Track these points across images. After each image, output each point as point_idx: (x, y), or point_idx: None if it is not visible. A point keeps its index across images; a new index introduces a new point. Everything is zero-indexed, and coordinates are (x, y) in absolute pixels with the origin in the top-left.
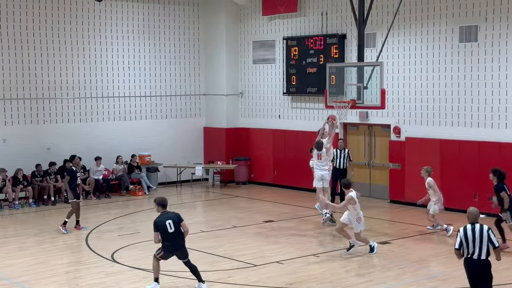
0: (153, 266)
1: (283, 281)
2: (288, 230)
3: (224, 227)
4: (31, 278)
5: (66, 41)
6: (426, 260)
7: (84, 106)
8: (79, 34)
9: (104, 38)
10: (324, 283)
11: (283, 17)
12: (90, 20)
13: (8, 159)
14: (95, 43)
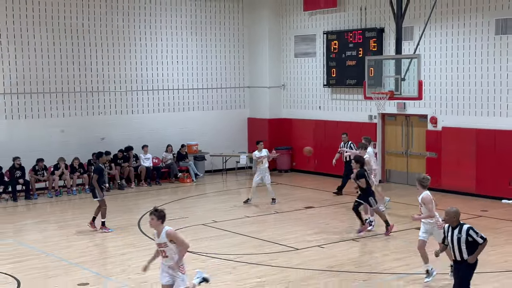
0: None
1: (323, 264)
2: (328, 216)
3: (267, 213)
4: (88, 259)
5: (119, 37)
6: None
7: (136, 99)
8: (131, 31)
9: (154, 34)
10: (362, 266)
11: (323, 12)
12: (141, 17)
13: (66, 148)
14: (146, 39)
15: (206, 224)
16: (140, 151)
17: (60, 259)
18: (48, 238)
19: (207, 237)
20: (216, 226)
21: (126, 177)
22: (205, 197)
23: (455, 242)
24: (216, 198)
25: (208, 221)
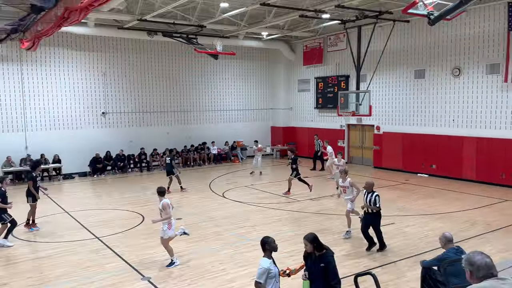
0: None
1: (314, 209)
2: (317, 182)
3: (281, 180)
4: (184, 204)
5: (203, 82)
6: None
7: (209, 115)
8: (209, 78)
9: (219, 80)
10: (336, 210)
11: (315, 66)
12: (213, 69)
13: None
14: (214, 82)
15: (247, 186)
16: (210, 144)
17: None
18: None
19: (248, 193)
20: (253, 187)
21: (202, 159)
22: (246, 171)
23: (367, 201)
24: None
25: (248, 184)
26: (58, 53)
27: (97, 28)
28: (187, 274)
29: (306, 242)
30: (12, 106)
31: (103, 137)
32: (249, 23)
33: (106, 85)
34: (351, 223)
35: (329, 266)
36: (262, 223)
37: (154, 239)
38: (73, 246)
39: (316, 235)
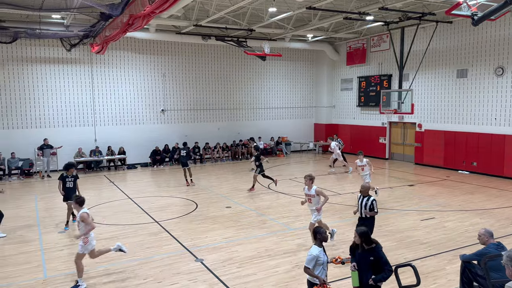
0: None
1: (355, 203)
2: (358, 176)
3: (323, 174)
4: (233, 194)
5: (248, 82)
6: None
7: (256, 112)
8: (258, 79)
9: (265, 80)
10: (378, 204)
11: (358, 66)
12: (260, 71)
13: (221, 137)
14: (261, 83)
15: (291, 178)
16: (257, 140)
17: (217, 194)
18: (214, 182)
19: (292, 185)
20: (295, 180)
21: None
22: (290, 165)
23: (362, 205)
24: (296, 165)
25: (291, 177)
26: (123, 56)
27: (158, 33)
28: (236, 258)
29: (355, 234)
30: (84, 103)
31: (162, 131)
32: (295, 26)
33: (165, 85)
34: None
35: (380, 261)
36: (305, 214)
37: (207, 224)
38: (135, 229)
39: (367, 231)
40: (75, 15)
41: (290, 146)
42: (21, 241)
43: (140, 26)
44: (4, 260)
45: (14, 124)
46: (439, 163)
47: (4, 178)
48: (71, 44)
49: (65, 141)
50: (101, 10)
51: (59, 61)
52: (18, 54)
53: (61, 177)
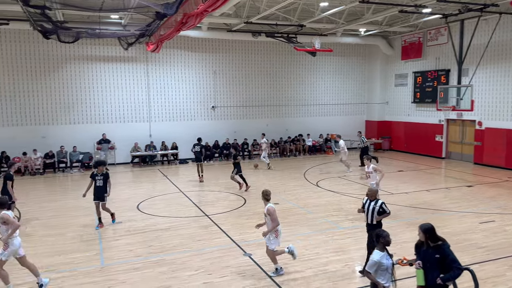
0: None
1: (409, 203)
2: (412, 176)
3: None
4: (281, 191)
5: (299, 79)
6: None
7: (306, 109)
8: (310, 75)
9: (316, 77)
10: (432, 205)
11: (413, 61)
12: (312, 67)
13: (269, 134)
14: (312, 79)
15: (340, 176)
16: (306, 136)
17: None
18: (262, 178)
19: (341, 184)
20: (344, 178)
21: (298, 150)
22: (339, 162)
23: (370, 210)
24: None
25: (341, 175)
26: (176, 54)
27: (209, 31)
28: (283, 254)
29: (419, 230)
30: (139, 100)
31: (212, 128)
32: (347, 21)
33: (216, 82)
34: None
35: (447, 259)
36: (355, 213)
37: (255, 220)
38: (187, 221)
39: (432, 226)
40: (132, 15)
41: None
42: (81, 231)
43: (193, 24)
44: (66, 248)
45: (75, 119)
46: (500, 163)
47: (66, 170)
48: (128, 43)
49: (122, 136)
50: (156, 9)
51: (117, 59)
52: (79, 53)
53: (91, 176)
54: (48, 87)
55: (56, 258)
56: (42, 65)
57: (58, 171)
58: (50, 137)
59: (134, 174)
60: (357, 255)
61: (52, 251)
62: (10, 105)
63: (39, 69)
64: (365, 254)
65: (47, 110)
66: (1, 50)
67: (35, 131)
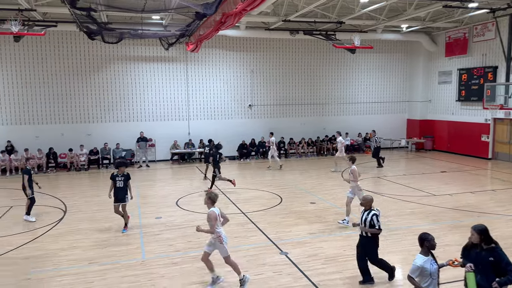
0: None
1: (452, 205)
2: (456, 177)
3: (416, 173)
4: (317, 190)
5: (338, 77)
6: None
7: (342, 107)
8: (347, 73)
9: (355, 75)
10: (477, 207)
11: (458, 57)
12: (354, 64)
13: (306, 132)
14: (351, 77)
15: (379, 177)
16: (344, 135)
17: (301, 189)
18: (298, 177)
19: (380, 184)
20: (385, 179)
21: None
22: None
23: (362, 221)
24: (386, 163)
25: (380, 175)
26: (214, 54)
27: (247, 30)
28: (320, 254)
29: (473, 232)
30: (179, 99)
31: (249, 126)
32: (388, 17)
33: (253, 80)
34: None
35: (502, 262)
36: (394, 215)
37: (291, 219)
38: None
39: (487, 228)
40: (172, 16)
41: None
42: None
43: (232, 24)
44: (108, 241)
45: (118, 117)
46: None
47: (110, 166)
48: (168, 43)
49: (162, 134)
50: (196, 9)
51: (158, 59)
52: (122, 54)
53: (112, 177)
54: (93, 86)
55: (99, 251)
56: (87, 65)
57: (101, 167)
58: (95, 135)
59: (173, 171)
60: (396, 257)
61: (95, 244)
62: (58, 104)
63: (84, 69)
64: (405, 257)
65: (92, 109)
66: (50, 51)
67: (81, 128)
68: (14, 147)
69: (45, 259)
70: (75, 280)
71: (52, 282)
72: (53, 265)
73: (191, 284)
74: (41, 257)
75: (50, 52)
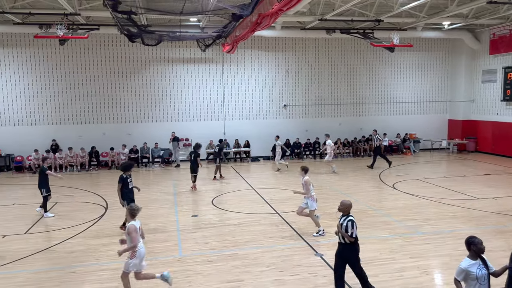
0: None
1: (496, 209)
2: (501, 180)
3: (458, 175)
4: (353, 191)
5: (376, 75)
6: None
7: (384, 108)
8: (384, 71)
9: (394, 74)
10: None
11: (503, 55)
12: (384, 63)
13: (342, 133)
14: (389, 75)
15: (418, 179)
16: (382, 136)
17: (335, 190)
18: (333, 178)
19: (421, 187)
20: (424, 180)
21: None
22: (418, 164)
23: (340, 226)
24: (425, 165)
25: (420, 177)
26: (250, 54)
27: (283, 30)
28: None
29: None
30: (214, 99)
31: (283, 126)
32: (428, 14)
33: (288, 80)
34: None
35: None
36: (435, 218)
37: (326, 220)
38: (258, 218)
39: None
40: (209, 17)
41: (419, 144)
42: (161, 221)
43: (268, 24)
44: (147, 237)
45: (157, 117)
46: None
47: (148, 165)
48: (205, 45)
49: (198, 133)
50: (232, 11)
51: (194, 60)
52: (160, 56)
53: (122, 179)
54: (133, 87)
55: None
56: (128, 67)
57: (141, 165)
58: (135, 134)
59: (208, 170)
60: (437, 262)
61: None
62: (100, 104)
63: (125, 70)
64: (446, 261)
65: (132, 109)
66: (92, 54)
67: (121, 128)
68: (59, 146)
69: (87, 254)
70: (115, 275)
71: (93, 276)
72: (95, 259)
73: (226, 282)
74: (83, 252)
75: (93, 55)
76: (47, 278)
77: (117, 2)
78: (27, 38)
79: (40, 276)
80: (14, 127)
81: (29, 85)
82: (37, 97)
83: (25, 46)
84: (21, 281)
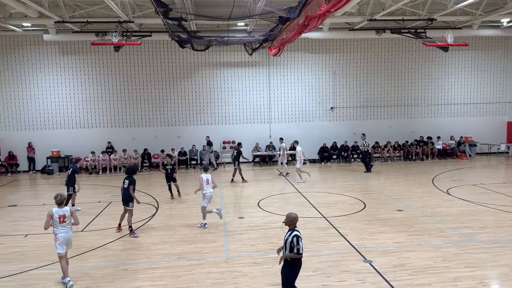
0: None
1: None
2: None
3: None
4: (404, 196)
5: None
6: None
7: (438, 110)
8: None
9: (448, 74)
10: None
11: None
12: (437, 63)
13: (392, 136)
14: (439, 74)
15: (475, 184)
16: (435, 139)
17: (387, 195)
18: (383, 183)
19: (477, 193)
20: (480, 186)
21: (425, 154)
22: (475, 169)
23: (284, 242)
24: (482, 170)
25: (477, 183)
26: (296, 57)
27: (331, 31)
28: (408, 264)
29: None
30: (261, 102)
31: (330, 129)
32: (485, 11)
33: (335, 82)
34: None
35: None
36: (494, 226)
37: (376, 226)
38: (304, 222)
39: None
40: (256, 21)
41: (475, 147)
42: (209, 223)
43: (315, 26)
44: (195, 238)
45: (205, 120)
46: None
47: (197, 167)
48: (252, 49)
49: (245, 136)
50: (279, 14)
51: (241, 64)
52: (208, 60)
53: (132, 181)
54: (182, 91)
55: (187, 246)
56: (178, 71)
57: (189, 167)
58: (184, 136)
59: (255, 173)
60: (494, 273)
61: (183, 240)
62: (152, 108)
63: (175, 75)
64: (504, 272)
65: (182, 112)
66: (145, 59)
67: (172, 131)
68: (114, 148)
69: (139, 252)
70: (165, 273)
71: (145, 274)
72: (146, 258)
73: (272, 285)
74: (135, 250)
75: (145, 60)
76: (101, 274)
77: (168, 9)
78: (85, 46)
79: (94, 272)
80: (73, 130)
81: (86, 90)
82: (93, 101)
83: (83, 53)
84: (77, 277)
